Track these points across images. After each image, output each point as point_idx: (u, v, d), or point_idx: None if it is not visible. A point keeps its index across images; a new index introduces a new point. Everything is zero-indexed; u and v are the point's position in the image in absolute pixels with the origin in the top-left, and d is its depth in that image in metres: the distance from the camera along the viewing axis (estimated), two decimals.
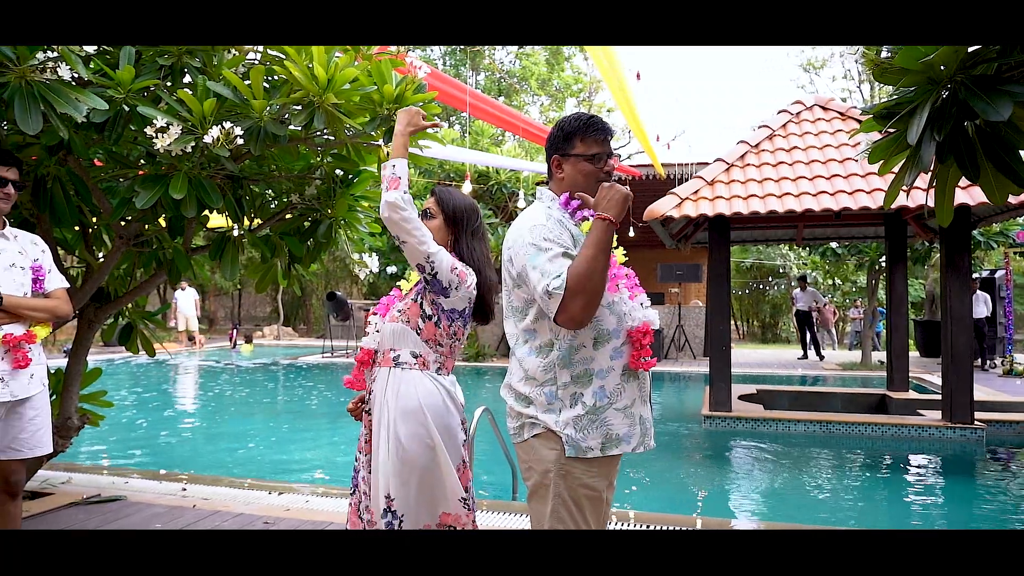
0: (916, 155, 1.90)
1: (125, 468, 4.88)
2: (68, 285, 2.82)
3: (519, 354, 1.89)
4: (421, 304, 2.20)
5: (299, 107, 2.94)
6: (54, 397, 3.92)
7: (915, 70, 1.79)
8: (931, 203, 2.17)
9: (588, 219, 1.87)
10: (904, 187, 1.97)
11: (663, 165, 10.86)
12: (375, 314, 2.35)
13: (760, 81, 47.41)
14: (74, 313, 3.67)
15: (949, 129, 1.78)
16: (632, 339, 1.84)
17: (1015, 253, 13.64)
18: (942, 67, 1.78)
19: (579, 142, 1.90)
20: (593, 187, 1.89)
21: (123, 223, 3.53)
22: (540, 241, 1.78)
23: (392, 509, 2.09)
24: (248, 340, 16.57)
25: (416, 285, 2.26)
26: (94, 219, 3.71)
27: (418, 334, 2.20)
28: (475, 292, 2.25)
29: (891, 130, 2.05)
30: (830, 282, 18.35)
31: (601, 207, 1.77)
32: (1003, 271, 12.83)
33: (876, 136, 2.30)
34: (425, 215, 2.30)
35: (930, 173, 2.06)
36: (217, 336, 19.23)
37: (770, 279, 22.50)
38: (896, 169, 2.15)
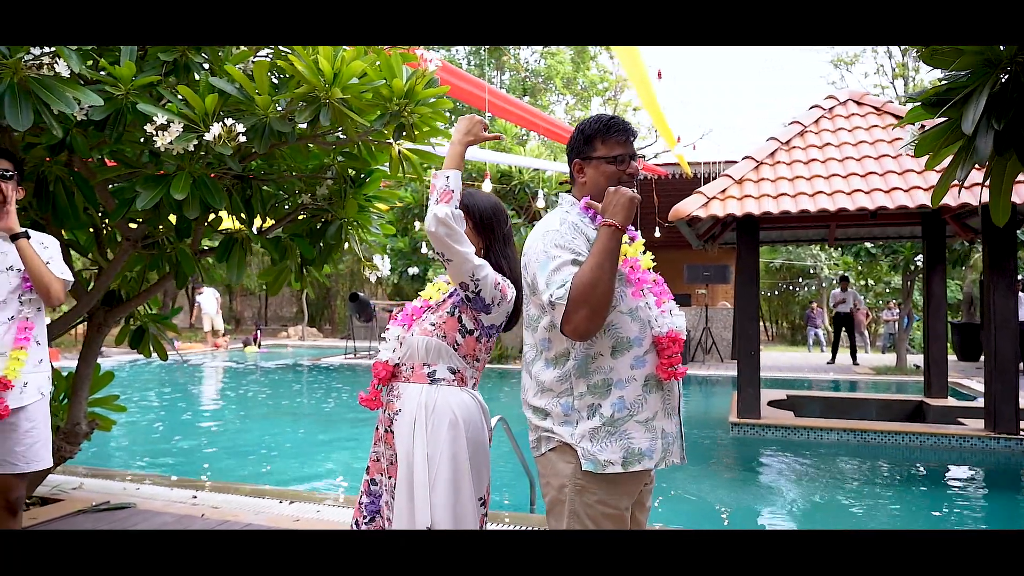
0: (971, 146, 1.70)
1: (138, 473, 4.82)
2: (71, 279, 2.70)
3: (534, 368, 1.83)
4: (460, 318, 2.06)
5: (304, 105, 2.82)
6: (64, 401, 3.87)
7: (971, 50, 1.59)
8: (982, 199, 1.97)
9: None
10: (956, 182, 1.78)
11: (689, 164, 10.62)
12: (396, 325, 2.16)
13: (761, 81, 46.50)
14: (81, 313, 3.61)
15: (1010, 117, 1.58)
16: (659, 347, 1.77)
17: None
18: (1002, 47, 1.58)
19: (600, 144, 1.85)
20: None
21: (132, 225, 3.46)
22: (550, 248, 1.74)
23: None
24: (246, 344, 16.76)
25: (451, 297, 2.10)
26: (106, 220, 3.64)
27: (455, 349, 2.06)
28: (512, 307, 2.11)
29: (941, 119, 1.85)
30: (862, 283, 17.88)
31: (608, 213, 1.72)
32: None
33: (921, 127, 2.10)
34: None
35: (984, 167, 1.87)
36: (241, 336, 19.37)
37: (800, 280, 22.02)
38: (945, 163, 1.96)
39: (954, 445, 5.97)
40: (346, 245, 3.67)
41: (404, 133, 3.05)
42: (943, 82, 1.79)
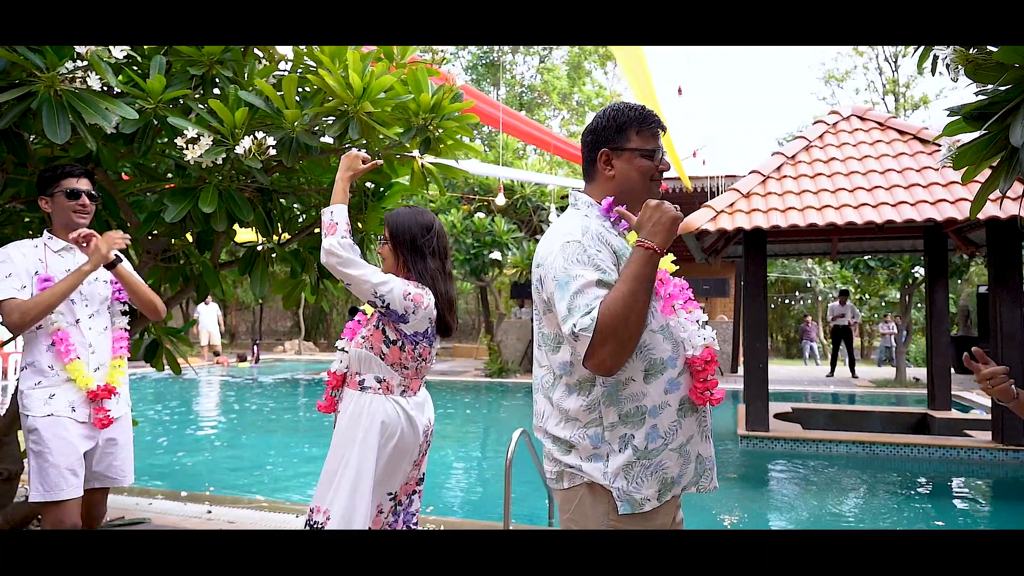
0: (1014, 159, 1.73)
1: (149, 488, 4.78)
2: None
3: (555, 395, 1.60)
4: (383, 330, 2.27)
5: (331, 118, 2.83)
6: None
7: (1017, 65, 1.62)
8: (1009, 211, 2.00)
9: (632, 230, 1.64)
10: (999, 193, 1.81)
11: (690, 178, 10.69)
12: (343, 339, 2.39)
13: (753, 98, 46.75)
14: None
15: None
16: (693, 368, 1.57)
17: None
18: None
19: (635, 135, 1.62)
20: (648, 187, 1.64)
21: (150, 238, 3.45)
22: (571, 265, 1.50)
23: (315, 520, 2.21)
24: (243, 359, 16.61)
25: (376, 311, 2.30)
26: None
27: (382, 359, 2.27)
28: (435, 311, 2.31)
29: (977, 133, 1.88)
30: (858, 297, 17.99)
31: (645, 231, 1.48)
32: None
33: (953, 140, 2.13)
34: (382, 242, 2.40)
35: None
36: (236, 350, 19.21)
37: (796, 293, 22.14)
38: (980, 177, 1.99)
39: (962, 457, 5.99)
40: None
41: (429, 147, 3.06)
42: (982, 97, 1.82)
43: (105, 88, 2.45)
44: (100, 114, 2.34)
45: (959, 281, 14.13)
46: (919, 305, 15.33)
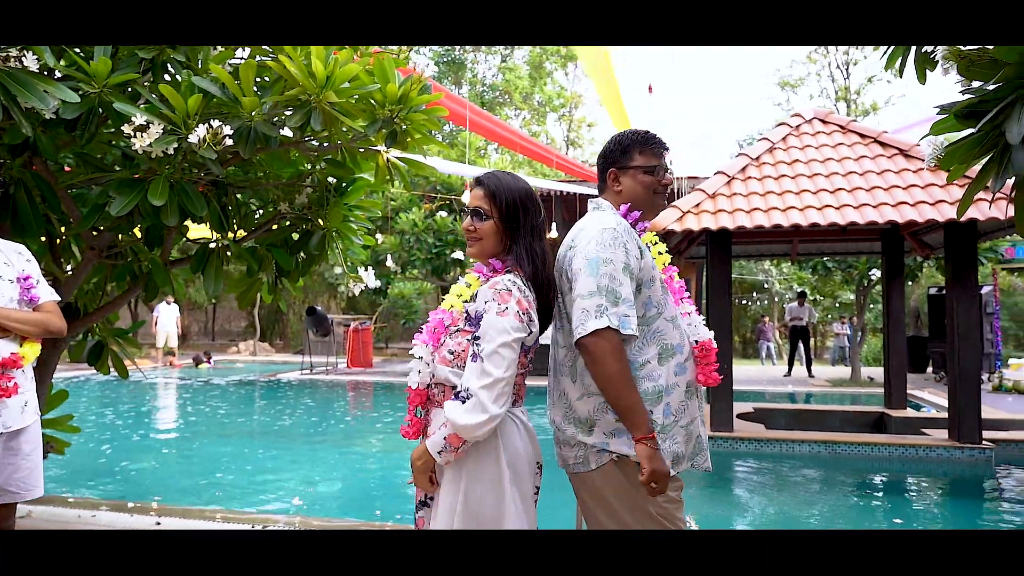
0: (1006, 157, 1.69)
1: (91, 499, 4.51)
2: (59, 298, 2.57)
3: (578, 370, 1.82)
4: None
5: (291, 109, 2.67)
6: None
7: (1012, 62, 1.58)
8: (1002, 213, 1.97)
9: (648, 230, 1.96)
10: (991, 193, 1.77)
11: None
12: (420, 342, 1.85)
13: (708, 98, 47.27)
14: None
15: None
16: (697, 354, 1.89)
17: (1003, 269, 13.71)
18: None
19: (638, 154, 1.93)
20: (652, 199, 1.94)
21: (94, 233, 3.23)
22: (604, 248, 1.75)
23: None
24: (199, 362, 15.89)
25: (468, 323, 1.80)
26: (62, 228, 3.39)
27: None
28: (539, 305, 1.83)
29: (964, 132, 1.84)
30: (813, 298, 18.36)
31: (644, 458, 1.73)
32: (990, 287, 12.85)
33: (930, 140, 2.09)
34: (479, 216, 1.82)
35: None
36: (190, 351, 18.57)
37: (753, 294, 22.51)
38: (960, 178, 1.95)
39: (921, 455, 6.09)
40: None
41: (395, 140, 2.92)
42: (969, 96, 1.78)
43: (47, 72, 2.26)
44: (37, 96, 2.16)
45: (910, 283, 14.52)
46: (871, 306, 15.72)
